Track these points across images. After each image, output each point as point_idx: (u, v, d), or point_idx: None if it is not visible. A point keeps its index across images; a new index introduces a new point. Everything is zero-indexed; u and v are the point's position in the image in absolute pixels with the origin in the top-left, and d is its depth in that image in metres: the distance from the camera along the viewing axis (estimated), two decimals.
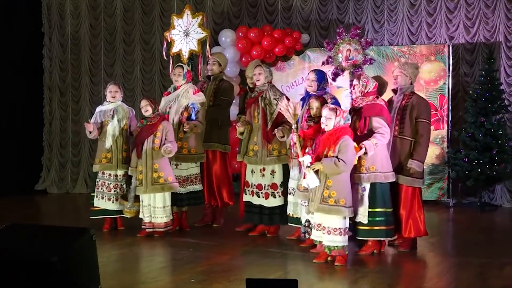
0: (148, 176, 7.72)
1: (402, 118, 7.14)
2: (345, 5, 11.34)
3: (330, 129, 6.53)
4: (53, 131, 12.43)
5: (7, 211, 9.68)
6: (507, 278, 6.29)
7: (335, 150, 6.43)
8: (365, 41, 7.56)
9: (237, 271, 6.37)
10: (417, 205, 7.20)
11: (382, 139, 6.81)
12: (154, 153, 7.72)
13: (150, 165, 7.72)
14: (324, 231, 6.56)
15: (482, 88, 10.16)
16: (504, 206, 10.44)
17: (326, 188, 6.49)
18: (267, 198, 7.91)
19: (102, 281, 5.60)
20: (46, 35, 12.43)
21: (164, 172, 7.75)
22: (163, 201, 7.80)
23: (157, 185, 7.73)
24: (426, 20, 10.92)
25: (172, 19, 8.81)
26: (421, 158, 7.10)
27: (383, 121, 6.85)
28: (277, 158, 7.79)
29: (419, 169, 7.08)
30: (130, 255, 7.34)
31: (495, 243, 8.12)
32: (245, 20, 11.70)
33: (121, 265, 6.86)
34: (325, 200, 6.48)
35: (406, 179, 7.10)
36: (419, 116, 7.09)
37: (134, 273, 6.67)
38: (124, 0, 12.24)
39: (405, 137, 7.11)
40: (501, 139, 10.05)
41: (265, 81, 7.89)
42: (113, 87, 8.33)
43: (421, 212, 7.23)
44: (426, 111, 7.19)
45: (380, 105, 6.95)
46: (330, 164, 6.41)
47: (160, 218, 7.82)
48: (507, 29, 10.50)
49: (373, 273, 6.47)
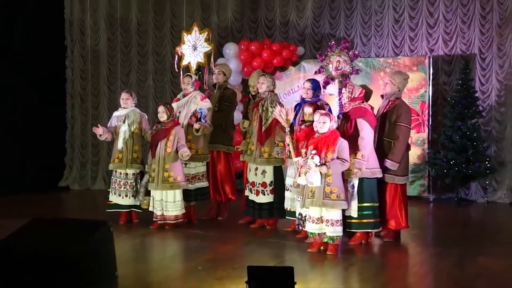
0: (159, 174, 7.73)
1: (384, 122, 7.15)
2: (336, 21, 11.33)
3: (324, 131, 6.55)
4: (74, 133, 12.43)
5: (34, 205, 9.68)
6: (481, 267, 6.30)
7: (335, 151, 6.47)
8: (353, 53, 7.56)
9: (239, 259, 6.37)
10: (398, 200, 7.20)
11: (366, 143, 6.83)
12: (166, 154, 7.74)
13: (162, 165, 7.74)
14: (328, 223, 6.57)
15: (459, 95, 10.15)
16: (478, 201, 10.42)
17: (327, 185, 6.50)
18: (257, 195, 7.93)
19: (119, 269, 5.61)
20: (69, 48, 12.42)
21: (174, 172, 7.76)
22: (173, 197, 7.82)
23: (166, 183, 7.74)
24: (409, 34, 10.91)
25: (182, 35, 8.83)
26: (395, 158, 7.06)
27: (366, 123, 6.87)
28: (266, 160, 7.79)
29: (393, 168, 7.07)
30: (144, 245, 7.36)
31: (470, 235, 8.11)
32: (247, 35, 11.69)
33: (136, 254, 6.87)
34: (328, 196, 6.50)
35: (388, 177, 7.12)
36: (397, 120, 7.10)
37: (147, 261, 6.68)
38: (139, 16, 12.24)
39: (387, 139, 7.13)
40: (476, 141, 10.04)
41: (266, 90, 7.88)
42: (125, 95, 8.35)
43: (402, 206, 7.22)
44: (405, 115, 7.16)
45: (364, 108, 6.97)
46: (337, 166, 6.47)
47: (171, 211, 7.83)
48: (481, 43, 10.49)
49: (361, 261, 6.48)
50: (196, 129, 8.04)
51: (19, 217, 6.46)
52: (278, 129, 7.63)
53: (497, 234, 8.39)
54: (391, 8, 10.99)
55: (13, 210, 9.06)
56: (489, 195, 10.42)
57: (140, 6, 12.22)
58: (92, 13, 12.35)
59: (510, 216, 9.63)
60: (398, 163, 7.07)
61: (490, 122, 10.46)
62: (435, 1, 10.74)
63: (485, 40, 10.47)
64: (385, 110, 7.20)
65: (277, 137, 7.70)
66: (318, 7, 11.41)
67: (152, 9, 12.17)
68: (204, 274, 5.83)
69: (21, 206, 9.65)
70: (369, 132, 6.87)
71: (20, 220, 5.91)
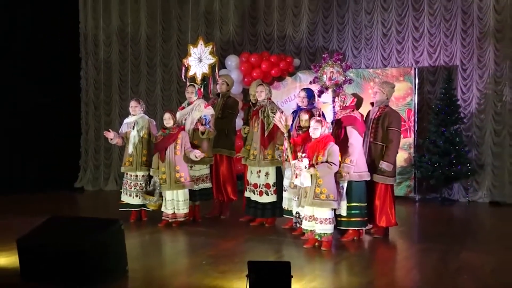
0: (171, 176, 7.73)
1: (376, 127, 7.17)
2: (329, 35, 11.35)
3: (317, 137, 6.58)
4: (89, 139, 12.44)
5: (51, 204, 9.68)
6: (463, 261, 6.29)
7: (325, 154, 6.48)
8: (345, 65, 7.56)
9: (240, 255, 6.35)
10: (389, 199, 7.21)
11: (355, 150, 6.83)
12: (176, 157, 7.74)
13: (173, 167, 7.74)
14: (317, 221, 6.59)
15: (442, 103, 10.16)
16: (460, 200, 10.42)
17: (318, 186, 6.51)
18: (261, 196, 7.93)
19: (129, 263, 5.60)
20: (83, 60, 12.45)
21: (184, 173, 7.77)
22: (184, 195, 7.84)
23: (179, 183, 7.76)
24: (396, 47, 10.93)
25: (188, 48, 8.83)
26: (390, 160, 7.10)
27: (354, 131, 6.89)
28: (270, 162, 7.81)
29: (388, 169, 7.09)
30: (152, 241, 7.34)
31: (453, 232, 8.10)
32: (247, 47, 11.71)
33: (145, 250, 6.86)
34: (317, 196, 6.51)
35: (379, 178, 7.13)
36: (390, 125, 7.13)
37: (155, 256, 6.66)
38: (148, 31, 12.25)
39: (378, 142, 7.14)
40: (458, 145, 10.05)
41: (265, 97, 7.93)
42: (133, 103, 8.36)
43: (392, 205, 7.23)
44: (396, 121, 7.20)
45: (354, 117, 6.99)
46: (324, 168, 6.47)
47: (182, 209, 7.86)
48: (462, 55, 10.50)
49: (353, 256, 6.47)
50: (201, 132, 8.05)
51: (39, 214, 6.45)
52: (279, 134, 7.65)
53: (478, 232, 8.40)
54: (380, 23, 11.01)
55: (33, 208, 9.05)
56: (470, 195, 10.42)
57: (149, 22, 12.24)
58: (105, 28, 12.38)
59: (490, 215, 9.63)
60: (392, 164, 7.11)
61: (471, 128, 10.46)
62: (420, 16, 10.76)
63: (466, 52, 10.48)
64: (376, 116, 7.22)
65: (278, 141, 7.73)
66: (312, 22, 11.43)
67: (160, 24, 12.20)
68: (208, 268, 5.81)
69: (40, 204, 9.65)
70: (358, 139, 6.90)
71: (40, 217, 5.93)
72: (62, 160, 11.93)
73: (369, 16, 11.06)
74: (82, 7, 12.41)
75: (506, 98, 10.24)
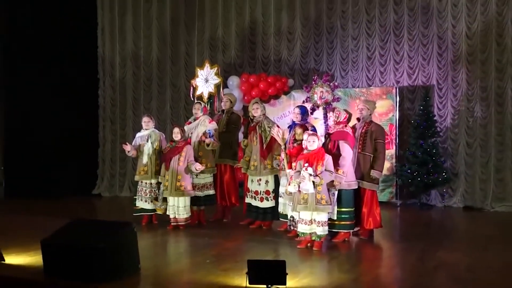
0: (173, 183, 7.71)
1: (364, 140, 7.19)
2: (320, 58, 11.37)
3: (314, 148, 6.57)
4: (105, 150, 12.42)
5: (71, 209, 9.65)
6: (439, 260, 6.27)
7: (323, 164, 6.49)
8: (333, 85, 7.56)
9: (241, 254, 6.33)
10: (375, 204, 7.21)
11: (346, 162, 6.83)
12: (179, 168, 7.72)
13: (175, 176, 7.72)
14: (319, 224, 6.58)
15: (421, 119, 10.17)
16: (437, 205, 10.40)
17: (318, 192, 6.50)
18: (262, 201, 7.91)
19: (141, 261, 5.58)
20: (101, 80, 12.46)
21: (185, 182, 7.74)
22: (184, 202, 7.79)
23: (179, 191, 7.72)
24: (379, 69, 10.95)
25: (196, 70, 8.84)
26: (380, 168, 7.16)
27: (346, 145, 6.88)
28: (270, 171, 7.81)
29: (378, 177, 7.16)
30: (162, 242, 7.32)
31: (431, 234, 8.10)
32: (247, 69, 11.73)
33: (155, 250, 6.83)
34: (319, 202, 6.51)
35: (368, 184, 7.15)
36: (377, 138, 7.19)
37: (164, 255, 6.65)
38: (158, 54, 12.28)
39: (366, 153, 7.15)
40: (434, 156, 10.05)
41: (261, 114, 7.95)
42: (146, 118, 8.36)
43: (378, 209, 7.23)
44: (381, 135, 7.28)
45: (346, 132, 6.97)
46: (326, 176, 6.50)
47: (182, 214, 7.80)
48: (438, 76, 10.52)
49: (342, 256, 6.46)
50: (207, 143, 8.06)
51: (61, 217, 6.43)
52: (276, 145, 7.65)
53: (453, 233, 8.39)
54: (365, 48, 11.04)
55: (56, 212, 9.03)
56: (446, 201, 10.40)
57: (159, 46, 12.27)
58: (120, 52, 12.40)
59: (463, 218, 9.60)
60: (382, 172, 7.15)
61: (446, 140, 10.46)
62: (400, 41, 10.79)
63: (442, 73, 10.50)
64: (363, 130, 7.24)
65: (276, 152, 7.72)
66: (305, 47, 11.46)
67: (170, 48, 12.22)
68: (211, 266, 5.79)
69: (62, 209, 9.61)
70: (349, 153, 6.90)
71: (62, 220, 5.93)
72: (82, 169, 11.92)
73: (355, 41, 11.09)
74: (100, 34, 12.44)
75: (477, 114, 10.25)
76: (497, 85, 10.09)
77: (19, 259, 5.93)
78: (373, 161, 7.12)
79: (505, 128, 10.04)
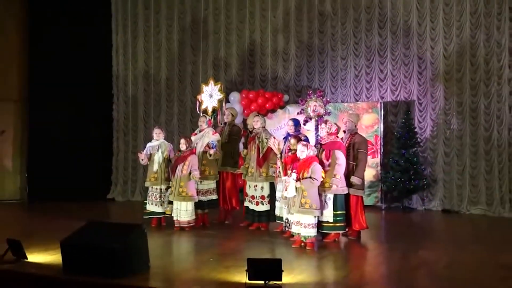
0: (176, 189, 7.71)
1: (348, 150, 7.18)
2: (312, 76, 11.40)
3: (304, 157, 6.58)
4: (119, 159, 12.39)
5: (88, 212, 9.62)
6: (421, 258, 6.27)
7: (309, 172, 6.47)
8: (325, 100, 7.59)
9: (241, 253, 6.31)
10: (359, 208, 7.19)
11: (341, 169, 6.84)
12: (182, 175, 7.72)
13: (178, 182, 7.72)
14: (302, 226, 6.56)
15: (403, 130, 10.19)
16: (418, 209, 10.39)
17: (303, 197, 6.50)
18: (257, 205, 7.90)
19: (151, 260, 5.55)
20: (115, 96, 12.45)
21: (187, 188, 7.72)
22: (185, 206, 7.76)
23: (180, 196, 7.72)
24: (365, 86, 10.97)
25: (201, 86, 8.87)
26: (360, 175, 7.12)
27: (341, 154, 6.89)
28: (265, 178, 7.80)
29: (358, 183, 7.10)
30: (169, 242, 7.28)
31: (412, 234, 8.08)
32: (246, 86, 11.74)
33: (164, 249, 6.81)
34: (302, 205, 6.50)
35: (352, 190, 7.14)
36: (359, 148, 7.18)
37: (172, 254, 6.63)
38: (167, 73, 12.29)
39: (351, 162, 7.15)
40: (416, 164, 10.06)
41: (260, 126, 7.95)
42: (157, 130, 8.36)
43: (362, 213, 7.22)
44: (364, 145, 7.26)
45: (339, 142, 7.02)
46: (307, 182, 6.47)
47: (183, 217, 7.77)
48: (418, 92, 10.55)
49: (332, 254, 6.44)
50: (210, 154, 8.06)
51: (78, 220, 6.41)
52: (272, 155, 7.64)
53: (432, 233, 8.38)
54: (352, 67, 11.07)
55: (74, 214, 8.99)
56: (426, 204, 10.39)
57: (168, 65, 12.30)
58: (133, 70, 12.42)
59: (442, 220, 9.59)
60: (361, 179, 7.12)
61: (426, 150, 10.47)
62: (384, 61, 10.83)
63: (422, 90, 10.53)
64: (349, 141, 7.25)
65: (272, 161, 7.72)
66: (298, 66, 11.49)
67: (177, 67, 12.24)
68: (215, 264, 5.77)
69: (80, 212, 9.58)
70: (344, 160, 6.90)
71: (79, 222, 5.91)
72: (98, 176, 11.90)
73: (344, 61, 11.13)
74: (114, 54, 12.46)
75: (453, 126, 10.27)
76: (471, 101, 10.11)
77: (40, 258, 5.91)
78: (354, 169, 7.11)
79: (478, 139, 10.05)
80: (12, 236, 5.92)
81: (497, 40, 9.89)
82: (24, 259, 5.78)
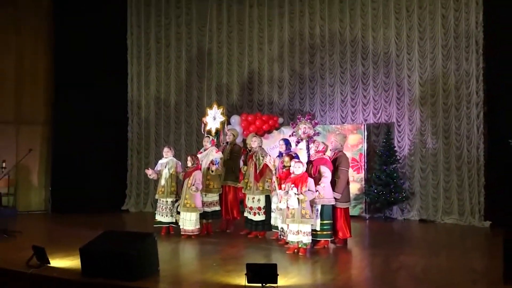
0: (182, 201, 7.72)
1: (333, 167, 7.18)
2: (303, 101, 11.44)
3: (299, 173, 6.59)
4: (133, 175, 12.36)
5: (104, 222, 9.58)
6: (401, 262, 6.26)
7: (307, 186, 6.49)
8: (314, 122, 7.62)
9: (241, 258, 6.30)
10: (343, 219, 7.15)
11: (326, 180, 6.85)
12: (187, 188, 7.74)
13: (184, 194, 7.74)
14: (304, 234, 6.55)
15: (384, 149, 10.22)
16: (398, 219, 10.35)
17: (303, 208, 6.50)
18: (255, 215, 7.89)
19: (160, 264, 5.54)
20: (130, 118, 12.47)
21: (191, 200, 7.72)
22: (190, 216, 7.76)
23: (185, 207, 7.73)
24: (351, 109, 11.02)
25: (206, 110, 8.94)
26: (339, 191, 7.06)
27: (327, 168, 6.90)
28: (261, 191, 7.82)
29: (337, 197, 7.04)
30: (177, 249, 7.25)
31: (393, 241, 8.06)
32: (246, 109, 11.78)
33: (172, 255, 6.78)
34: (304, 216, 6.50)
35: (339, 204, 7.11)
36: (339, 165, 7.16)
37: (179, 259, 6.60)
38: (176, 98, 12.34)
39: (334, 178, 7.13)
40: (396, 179, 10.07)
41: (257, 145, 7.98)
42: (166, 149, 8.39)
43: (346, 223, 7.17)
44: (344, 163, 7.21)
45: (326, 159, 7.03)
46: (309, 194, 6.51)
47: (188, 226, 7.76)
48: (397, 115, 10.60)
49: (323, 260, 6.42)
50: (212, 170, 8.06)
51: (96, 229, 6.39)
52: (268, 171, 7.66)
53: (411, 240, 8.35)
54: (339, 93, 11.13)
55: (92, 224, 8.96)
56: (405, 215, 10.36)
57: (176, 91, 12.35)
58: (146, 96, 12.46)
59: (419, 229, 9.55)
60: (341, 194, 7.08)
61: (405, 166, 10.47)
62: (367, 88, 10.89)
63: (400, 113, 10.58)
64: (332, 159, 7.26)
65: (267, 176, 7.73)
66: (291, 92, 11.55)
67: (184, 93, 12.29)
68: (217, 268, 5.75)
69: (98, 222, 9.50)
70: (329, 174, 6.92)
71: (97, 231, 5.92)
72: (114, 190, 11.85)
73: (332, 88, 11.19)
74: (129, 81, 12.50)
75: (428, 145, 10.30)
76: (444, 123, 10.16)
77: (61, 263, 5.88)
78: (334, 184, 7.11)
79: (451, 156, 10.08)
80: (37, 243, 5.90)
81: (465, 70, 9.99)
82: (47, 264, 5.75)
